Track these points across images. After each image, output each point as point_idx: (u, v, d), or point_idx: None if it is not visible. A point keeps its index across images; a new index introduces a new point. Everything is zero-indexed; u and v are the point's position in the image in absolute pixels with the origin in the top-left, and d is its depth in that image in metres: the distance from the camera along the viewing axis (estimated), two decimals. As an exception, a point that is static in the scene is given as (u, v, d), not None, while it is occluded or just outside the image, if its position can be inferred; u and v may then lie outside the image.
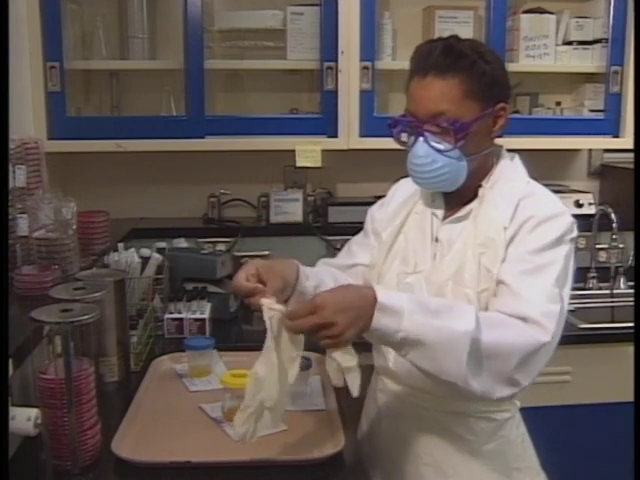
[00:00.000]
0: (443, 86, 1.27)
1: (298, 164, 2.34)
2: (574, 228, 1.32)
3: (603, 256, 2.69)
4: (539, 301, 1.23)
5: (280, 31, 2.36)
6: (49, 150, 2.01)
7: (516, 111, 2.53)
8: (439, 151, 1.29)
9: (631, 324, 2.04)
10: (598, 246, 2.68)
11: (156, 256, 2.14)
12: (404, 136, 1.37)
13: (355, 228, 1.62)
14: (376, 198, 1.62)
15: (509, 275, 1.27)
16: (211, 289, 2.19)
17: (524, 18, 2.44)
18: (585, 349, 2.16)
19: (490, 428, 1.37)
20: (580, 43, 2.49)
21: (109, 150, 2.29)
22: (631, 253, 2.67)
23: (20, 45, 2.10)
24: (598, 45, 2.48)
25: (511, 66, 1.80)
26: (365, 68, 2.31)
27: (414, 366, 1.19)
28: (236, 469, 1.24)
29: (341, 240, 2.35)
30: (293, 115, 2.48)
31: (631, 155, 2.50)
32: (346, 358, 1.13)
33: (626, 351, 2.10)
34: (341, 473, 1.26)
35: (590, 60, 2.50)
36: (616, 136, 2.48)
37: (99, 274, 1.68)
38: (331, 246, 2.53)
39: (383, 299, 1.12)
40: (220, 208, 2.60)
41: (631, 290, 2.60)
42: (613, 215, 2.54)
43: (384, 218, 1.51)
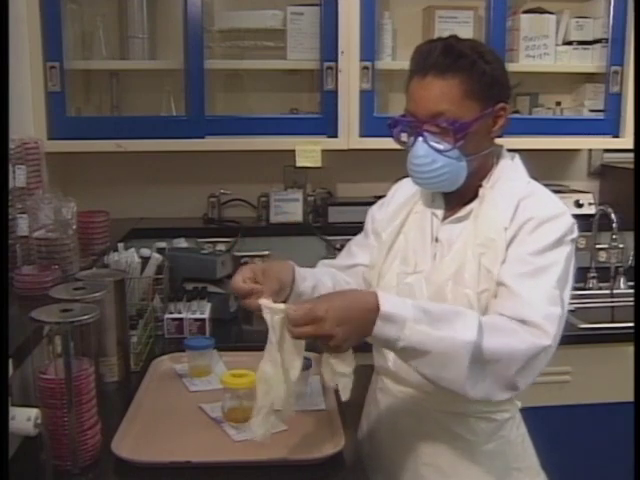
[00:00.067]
0: (443, 86, 1.26)
1: (298, 164, 2.34)
2: (574, 229, 1.31)
3: (603, 256, 2.69)
4: (540, 304, 1.23)
5: (280, 31, 2.36)
6: (49, 150, 2.01)
7: (516, 111, 2.53)
8: (439, 151, 1.29)
9: (631, 324, 2.04)
10: (598, 246, 2.68)
11: (156, 256, 2.14)
12: (404, 136, 1.37)
13: (355, 228, 1.62)
14: (376, 198, 1.62)
15: (509, 277, 1.26)
16: (211, 289, 2.19)
17: (524, 18, 2.44)
18: (585, 349, 2.16)
19: (490, 428, 1.37)
20: (580, 43, 2.49)
21: (109, 150, 2.29)
22: (631, 253, 2.67)
23: (20, 45, 2.10)
24: (598, 45, 2.48)
25: (511, 66, 1.79)
26: (365, 68, 2.31)
27: (414, 371, 1.20)
28: (236, 469, 1.24)
29: (341, 240, 2.36)
30: (293, 115, 2.48)
31: (631, 155, 2.50)
32: (341, 364, 1.14)
33: (626, 351, 2.10)
34: (341, 473, 1.26)
35: (590, 60, 2.50)
36: (616, 136, 2.48)
37: (99, 274, 1.68)
38: (331, 246, 2.53)
39: (386, 308, 1.11)
40: (220, 208, 2.60)
41: (631, 290, 2.60)
42: (613, 215, 2.54)
43: (384, 218, 1.51)
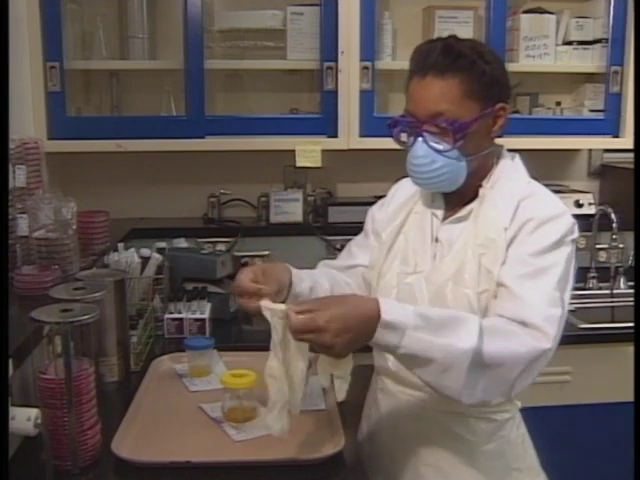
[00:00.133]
0: (442, 86, 1.26)
1: (298, 164, 2.34)
2: (575, 229, 1.31)
3: (603, 256, 2.69)
4: (540, 305, 1.22)
5: (280, 31, 2.36)
6: (49, 150, 2.01)
7: (516, 111, 2.53)
8: (438, 151, 1.29)
9: (631, 324, 2.04)
10: (598, 246, 2.67)
11: (156, 256, 2.14)
12: (404, 136, 1.37)
13: (355, 228, 1.62)
14: (376, 198, 1.62)
15: (509, 278, 1.26)
16: (211, 289, 2.19)
17: (524, 18, 2.44)
18: (585, 349, 2.15)
19: (490, 428, 1.37)
20: (580, 43, 2.49)
21: (109, 150, 2.29)
22: (631, 253, 2.67)
23: (20, 45, 2.10)
24: (598, 45, 2.48)
25: (511, 66, 1.79)
26: (365, 68, 2.31)
27: (414, 376, 1.20)
28: (236, 469, 1.24)
29: (341, 240, 2.36)
30: (293, 115, 2.48)
31: (631, 155, 2.50)
32: (338, 367, 1.14)
33: (626, 351, 2.10)
34: (341, 473, 1.26)
35: (590, 60, 2.50)
36: (616, 136, 2.47)
37: (99, 274, 1.68)
38: (331, 246, 2.53)
39: (387, 316, 1.11)
40: (220, 208, 2.60)
41: (631, 290, 2.59)
42: (613, 215, 2.54)
43: (384, 218, 1.51)
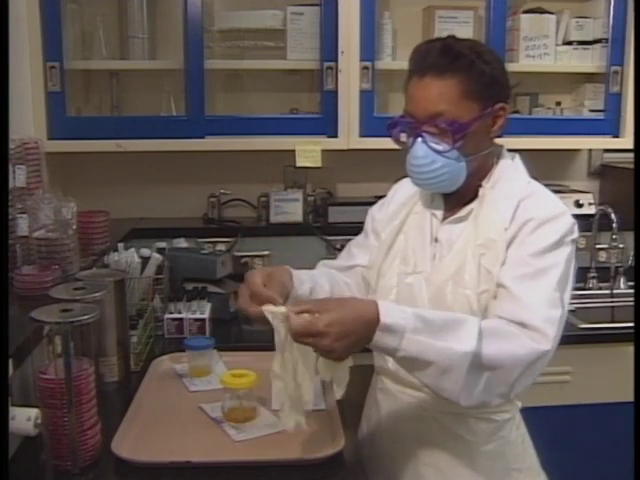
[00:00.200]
0: (441, 86, 1.26)
1: (298, 164, 2.34)
2: (575, 229, 1.31)
3: (603, 256, 2.69)
4: (540, 306, 1.22)
5: (280, 31, 2.36)
6: (49, 150, 2.01)
7: (516, 111, 2.53)
8: (438, 152, 1.29)
9: (631, 324, 2.04)
10: (598, 246, 2.67)
11: (156, 256, 2.14)
12: (403, 137, 1.37)
13: (355, 228, 1.62)
14: (376, 198, 1.62)
15: (509, 279, 1.26)
16: (211, 289, 2.19)
17: (524, 18, 2.44)
18: (585, 349, 2.15)
19: (490, 429, 1.37)
20: (580, 43, 2.49)
21: (109, 150, 2.29)
22: (631, 253, 2.67)
23: (20, 45, 2.10)
24: (598, 45, 2.48)
25: (511, 66, 1.80)
26: (365, 68, 2.31)
27: (414, 378, 1.20)
28: (236, 469, 1.24)
29: (341, 240, 2.36)
30: (293, 115, 2.48)
31: (631, 155, 2.50)
32: (338, 369, 1.14)
33: (626, 351, 2.10)
34: (341, 473, 1.26)
35: (590, 60, 2.50)
36: (616, 136, 2.47)
37: (99, 274, 1.68)
38: (331, 246, 2.53)
39: (386, 319, 1.11)
40: (220, 208, 2.60)
41: (631, 290, 2.59)
42: (613, 215, 2.54)
43: (384, 218, 1.51)
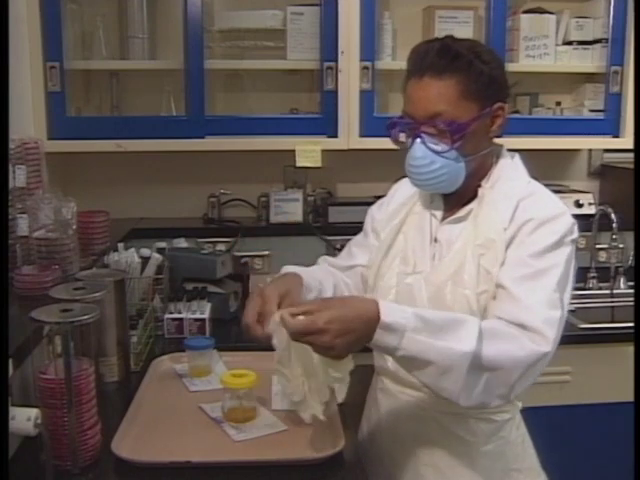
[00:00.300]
0: (440, 87, 1.26)
1: (298, 164, 2.34)
2: (575, 229, 1.31)
3: (603, 256, 2.69)
4: (539, 308, 1.22)
5: (280, 31, 2.36)
6: (49, 150, 2.01)
7: (516, 111, 2.53)
8: (436, 152, 1.29)
9: (631, 324, 2.05)
10: (598, 246, 2.68)
11: (156, 256, 2.14)
12: (402, 137, 1.36)
13: (355, 228, 1.62)
14: (376, 198, 1.62)
15: (509, 279, 1.26)
16: (211, 289, 2.19)
17: (524, 18, 2.44)
18: (585, 349, 2.16)
19: (490, 429, 1.37)
20: (580, 43, 2.49)
21: (109, 150, 2.29)
22: (631, 253, 2.67)
23: (20, 45, 2.10)
24: (598, 45, 2.48)
25: (511, 66, 1.80)
26: (365, 68, 2.31)
27: (414, 377, 1.20)
28: (236, 469, 1.24)
29: (341, 240, 2.36)
30: (293, 115, 2.48)
31: (631, 155, 2.50)
32: (338, 368, 1.14)
33: (626, 351, 2.10)
34: (341, 473, 1.26)
35: (590, 60, 2.50)
36: (616, 136, 2.47)
37: (99, 274, 1.68)
38: (331, 246, 2.53)
39: (386, 318, 1.11)
40: (220, 208, 2.60)
41: (631, 290, 2.60)
42: (613, 215, 2.54)
43: (384, 218, 1.51)
